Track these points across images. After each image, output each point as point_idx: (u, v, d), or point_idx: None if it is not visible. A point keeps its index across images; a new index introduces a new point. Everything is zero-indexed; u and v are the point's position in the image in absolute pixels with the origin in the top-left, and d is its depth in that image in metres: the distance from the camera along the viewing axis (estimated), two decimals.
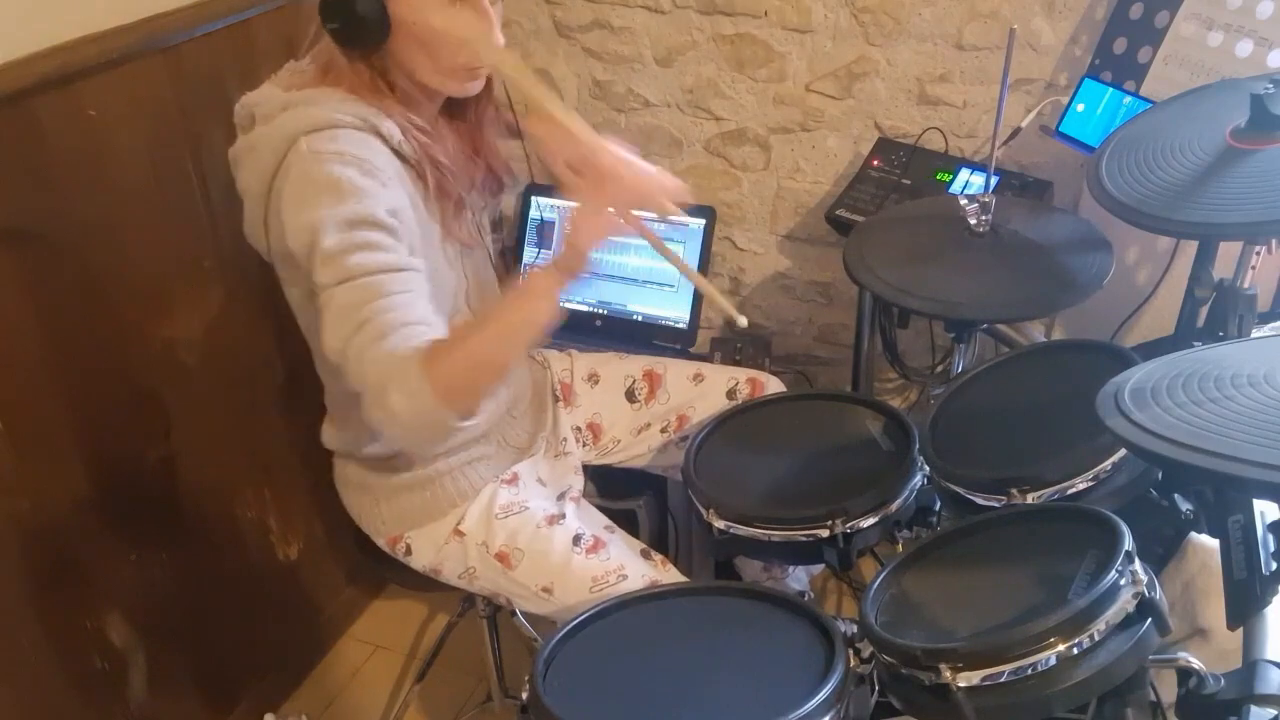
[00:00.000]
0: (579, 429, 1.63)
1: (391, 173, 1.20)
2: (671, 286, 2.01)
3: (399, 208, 1.19)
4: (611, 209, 1.17)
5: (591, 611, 1.17)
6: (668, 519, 1.90)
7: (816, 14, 1.92)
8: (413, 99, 1.28)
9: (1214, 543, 1.14)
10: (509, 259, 2.07)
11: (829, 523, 1.24)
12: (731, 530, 1.30)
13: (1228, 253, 1.34)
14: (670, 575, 1.39)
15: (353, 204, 1.14)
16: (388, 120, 1.22)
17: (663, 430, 1.63)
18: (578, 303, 2.05)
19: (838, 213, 1.86)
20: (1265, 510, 1.01)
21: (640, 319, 2.04)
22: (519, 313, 1.17)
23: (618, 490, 1.79)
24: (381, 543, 1.44)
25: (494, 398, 1.43)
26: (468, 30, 1.22)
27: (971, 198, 1.53)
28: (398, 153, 1.24)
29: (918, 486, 1.32)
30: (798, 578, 1.79)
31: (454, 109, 1.36)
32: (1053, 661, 0.88)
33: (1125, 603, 0.90)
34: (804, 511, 1.26)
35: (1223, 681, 0.93)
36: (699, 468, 1.39)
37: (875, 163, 1.90)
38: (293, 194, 1.17)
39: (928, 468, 1.31)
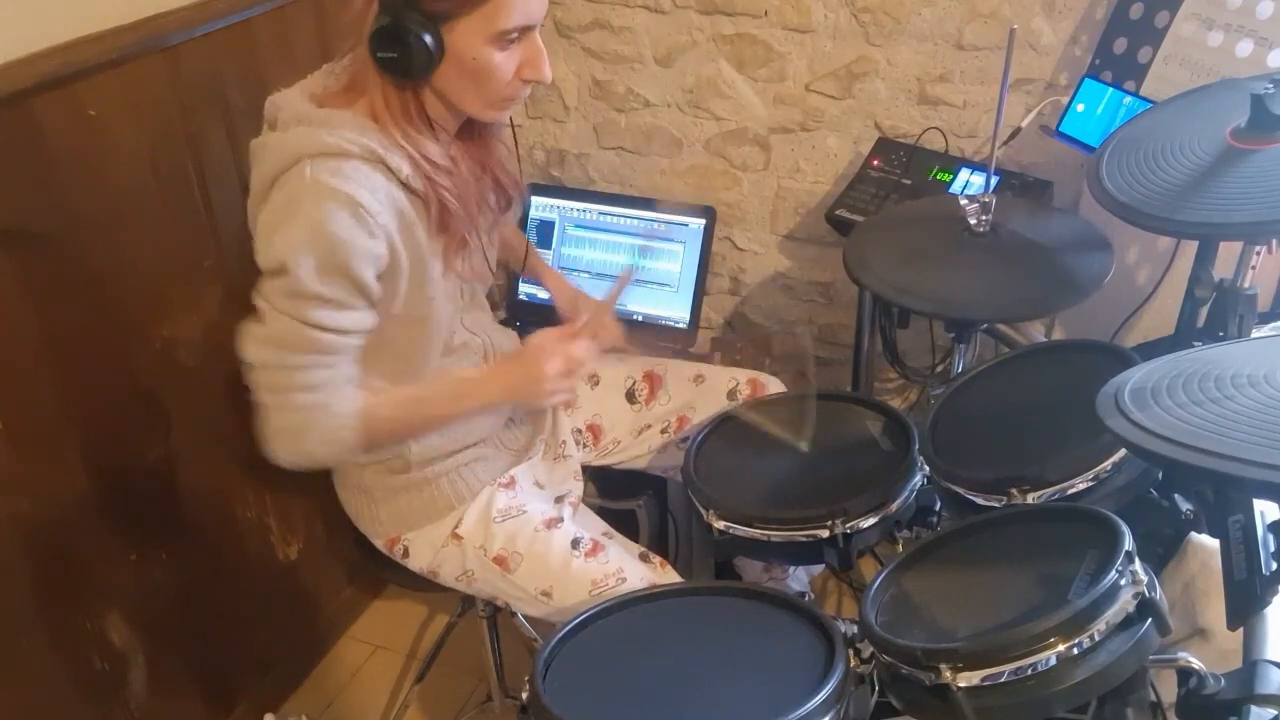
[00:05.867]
0: (579, 430, 1.63)
1: (386, 215, 1.19)
2: (671, 287, 2.01)
3: (379, 254, 1.19)
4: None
5: (591, 611, 1.17)
6: (668, 519, 1.90)
7: (816, 14, 1.92)
8: (440, 122, 1.27)
9: (1214, 543, 1.14)
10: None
11: (829, 523, 1.24)
12: (731, 531, 1.30)
13: (1228, 253, 1.34)
14: (669, 578, 1.39)
15: (328, 254, 1.15)
16: (396, 153, 1.21)
17: (663, 431, 1.63)
18: None
19: (838, 213, 1.86)
20: (1265, 510, 1.01)
21: (640, 319, 2.04)
22: (457, 407, 1.34)
23: (618, 491, 1.79)
24: (379, 544, 1.44)
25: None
26: None
27: (971, 198, 1.53)
28: (405, 185, 1.22)
29: (918, 486, 1.32)
30: (798, 578, 1.79)
31: (463, 124, 1.34)
32: (1053, 662, 0.88)
33: (1125, 603, 0.90)
34: (804, 512, 1.26)
35: (1223, 681, 0.93)
36: (699, 468, 1.39)
37: (875, 163, 1.90)
38: (277, 211, 1.17)
39: (928, 468, 1.31)
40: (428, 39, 1.15)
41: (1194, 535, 1.22)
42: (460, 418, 1.36)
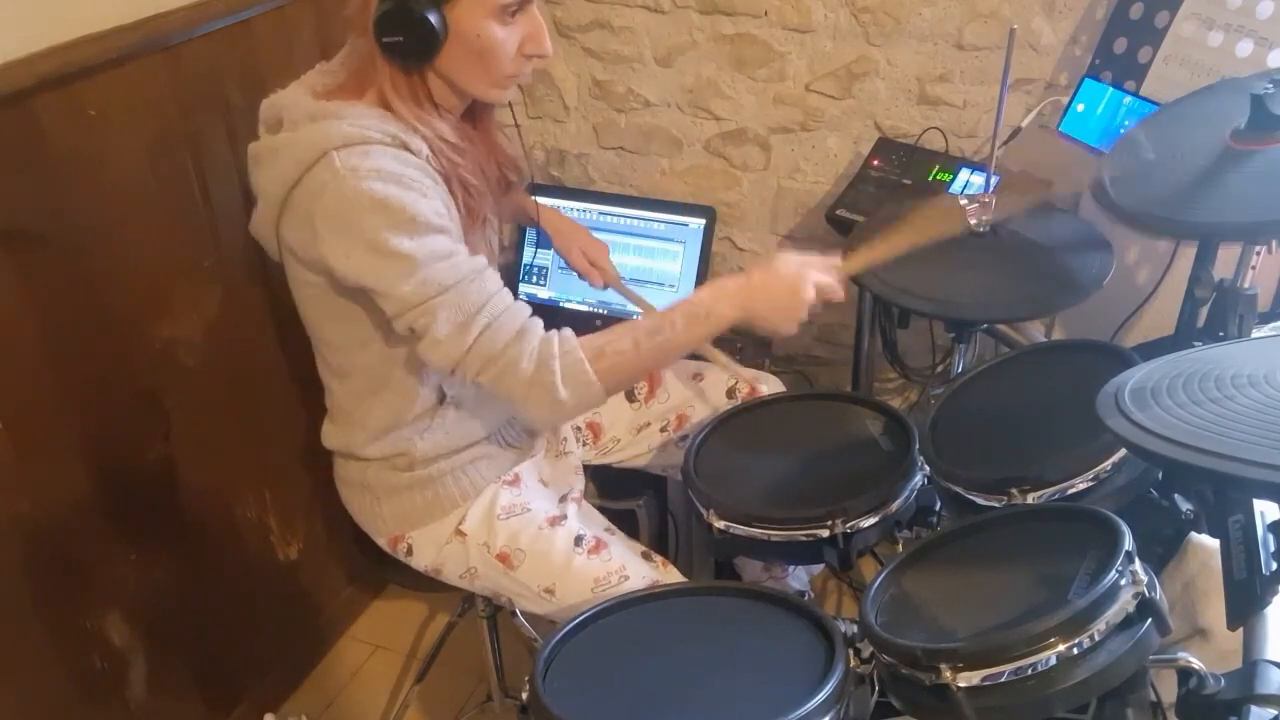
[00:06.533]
0: (579, 428, 1.63)
1: (427, 183, 1.20)
2: (671, 287, 2.01)
3: (441, 211, 1.20)
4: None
5: (591, 611, 1.17)
6: (668, 519, 1.90)
7: (816, 14, 1.92)
8: (446, 106, 1.28)
9: (1214, 543, 1.14)
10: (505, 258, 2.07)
11: (829, 523, 1.24)
12: (731, 530, 1.30)
13: (1228, 253, 1.34)
14: (671, 577, 1.39)
15: (407, 219, 1.15)
16: (415, 136, 1.22)
17: (662, 429, 1.63)
18: (578, 303, 2.05)
19: (838, 212, 1.86)
20: (1265, 510, 1.01)
21: (640, 319, 2.04)
22: (693, 333, 1.27)
23: (618, 490, 1.79)
24: (382, 542, 1.44)
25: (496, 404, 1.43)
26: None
27: (971, 198, 1.53)
28: (428, 166, 1.23)
29: (918, 486, 1.32)
30: (798, 577, 1.79)
31: (465, 112, 1.35)
32: (1053, 662, 0.88)
33: (1125, 603, 0.90)
34: (804, 511, 1.26)
35: (1223, 681, 0.93)
36: (699, 468, 1.39)
37: (875, 163, 1.90)
38: (334, 215, 1.16)
39: (928, 468, 1.31)
40: (432, 18, 1.16)
41: (1194, 535, 1.22)
42: (696, 344, 1.29)
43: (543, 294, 2.09)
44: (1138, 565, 0.92)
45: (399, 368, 1.31)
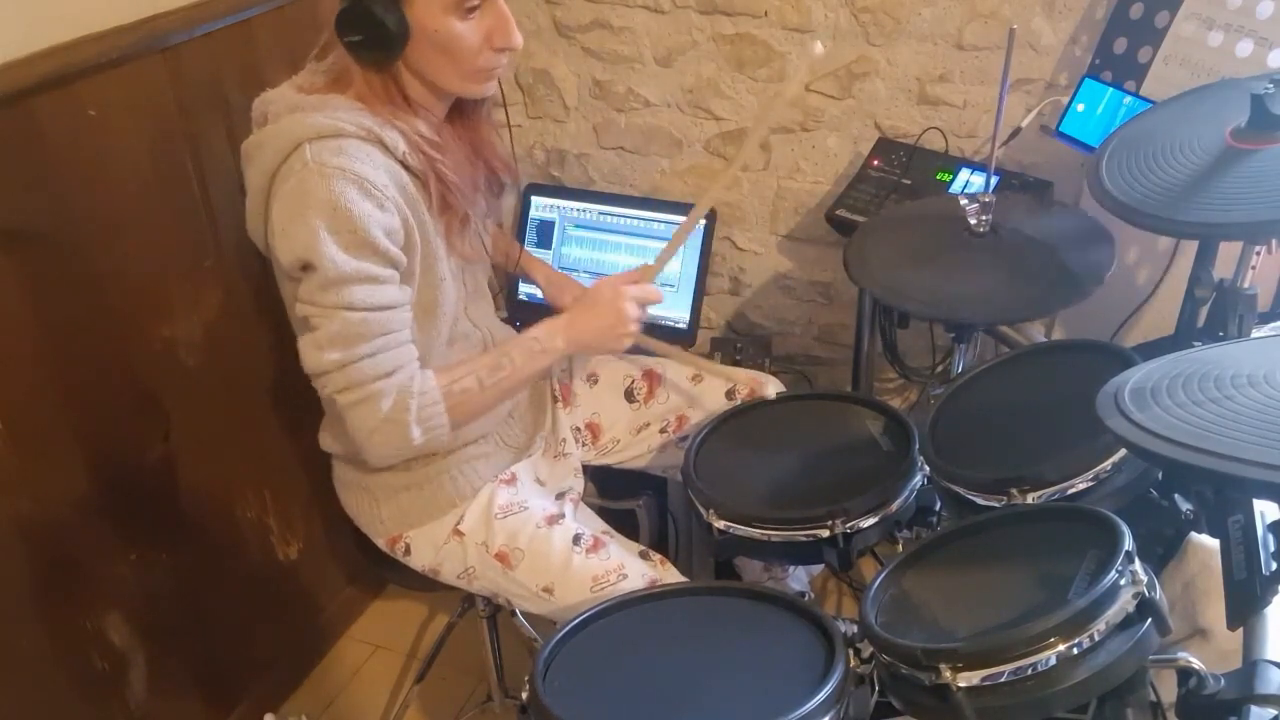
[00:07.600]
0: (578, 429, 1.63)
1: (393, 190, 1.20)
2: (671, 286, 2.01)
3: (394, 228, 1.20)
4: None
5: (591, 611, 1.17)
6: (668, 519, 1.90)
7: (816, 14, 1.92)
8: (424, 104, 1.28)
9: (1214, 543, 1.14)
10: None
11: (829, 523, 1.24)
12: (731, 530, 1.30)
13: (1228, 253, 1.34)
14: (670, 574, 1.39)
15: (349, 231, 1.16)
16: (392, 131, 1.22)
17: (662, 430, 1.63)
18: None
19: (838, 213, 1.86)
20: (1265, 510, 1.01)
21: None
22: (531, 368, 1.35)
23: (618, 490, 1.79)
24: (380, 543, 1.45)
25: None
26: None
27: (971, 198, 1.53)
28: (403, 163, 1.23)
29: (918, 486, 1.32)
30: (798, 578, 1.79)
31: (451, 110, 1.35)
32: (1053, 662, 0.88)
33: (1125, 603, 0.90)
34: (804, 511, 1.26)
35: (1223, 681, 0.93)
36: (699, 468, 1.39)
37: (875, 163, 1.90)
38: (288, 201, 1.17)
39: (928, 468, 1.31)
40: (390, 17, 1.16)
41: (1194, 535, 1.22)
42: (535, 377, 1.39)
43: (541, 295, 2.09)
44: (1138, 565, 0.92)
45: None
